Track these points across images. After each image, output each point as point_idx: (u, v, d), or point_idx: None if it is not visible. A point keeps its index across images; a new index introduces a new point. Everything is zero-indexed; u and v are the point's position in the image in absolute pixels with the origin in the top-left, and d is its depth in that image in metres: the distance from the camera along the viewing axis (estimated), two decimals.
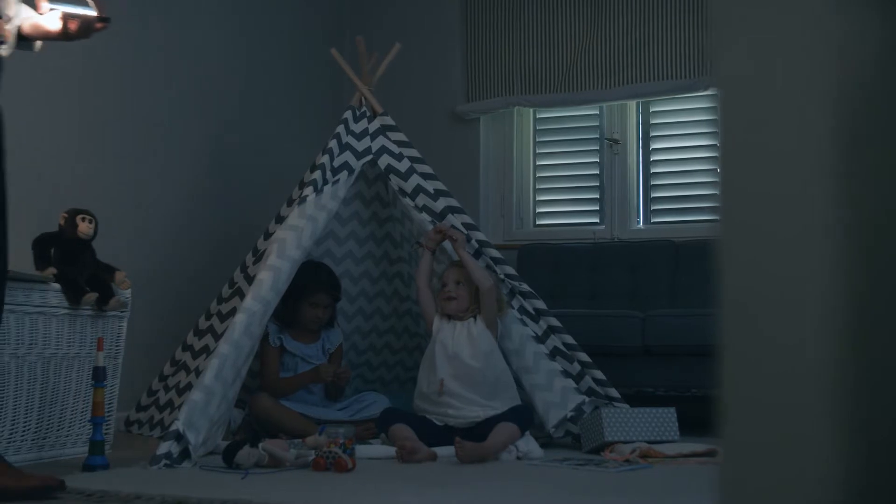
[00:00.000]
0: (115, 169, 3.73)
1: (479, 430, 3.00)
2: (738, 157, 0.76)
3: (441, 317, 3.28)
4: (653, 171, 4.75)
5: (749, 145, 0.77)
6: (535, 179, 4.99)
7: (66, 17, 2.52)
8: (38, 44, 2.63)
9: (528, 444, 3.03)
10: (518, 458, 2.96)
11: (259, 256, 3.33)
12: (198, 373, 3.06)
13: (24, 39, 2.57)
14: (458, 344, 3.18)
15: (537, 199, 4.98)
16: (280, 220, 3.37)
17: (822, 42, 0.77)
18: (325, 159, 3.43)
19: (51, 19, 2.55)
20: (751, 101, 0.79)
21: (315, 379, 3.42)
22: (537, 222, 4.98)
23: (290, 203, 3.40)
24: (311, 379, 3.43)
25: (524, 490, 2.39)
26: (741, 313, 0.76)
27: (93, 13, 2.53)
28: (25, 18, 2.55)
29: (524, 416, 3.06)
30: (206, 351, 3.30)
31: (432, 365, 3.19)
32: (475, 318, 3.24)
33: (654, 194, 4.74)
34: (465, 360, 3.15)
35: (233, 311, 3.18)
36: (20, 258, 2.65)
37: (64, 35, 2.55)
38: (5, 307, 2.56)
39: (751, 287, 0.76)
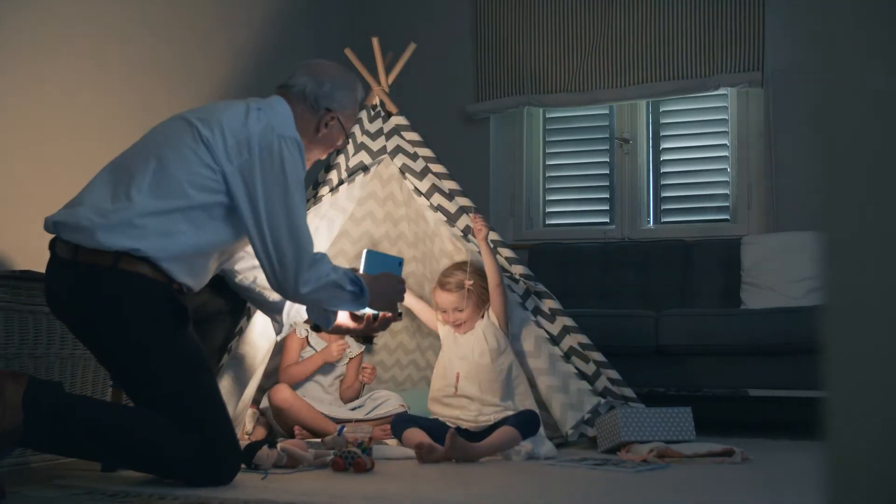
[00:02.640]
0: None
1: (488, 434, 3.00)
2: (844, 157, 0.75)
3: (444, 323, 3.29)
4: (663, 170, 4.76)
5: (859, 145, 0.75)
6: (546, 179, 4.99)
7: (371, 317, 2.78)
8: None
9: (543, 445, 3.02)
10: (529, 458, 2.96)
11: None
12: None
13: (315, 328, 2.88)
14: (468, 344, 3.19)
15: (547, 198, 4.99)
16: None
17: None
18: (340, 159, 3.43)
19: (343, 317, 2.80)
20: (862, 99, 0.77)
21: (326, 358, 3.44)
22: (547, 222, 4.98)
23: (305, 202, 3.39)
24: (321, 358, 3.44)
25: (542, 489, 2.39)
26: (848, 316, 0.75)
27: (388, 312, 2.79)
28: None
29: (529, 422, 3.05)
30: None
31: (444, 369, 3.20)
32: (482, 316, 3.25)
33: (665, 194, 4.75)
34: (475, 358, 3.15)
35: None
36: (35, 258, 2.64)
37: (367, 330, 2.83)
38: (26, 307, 2.55)
39: (858, 289, 0.75)
